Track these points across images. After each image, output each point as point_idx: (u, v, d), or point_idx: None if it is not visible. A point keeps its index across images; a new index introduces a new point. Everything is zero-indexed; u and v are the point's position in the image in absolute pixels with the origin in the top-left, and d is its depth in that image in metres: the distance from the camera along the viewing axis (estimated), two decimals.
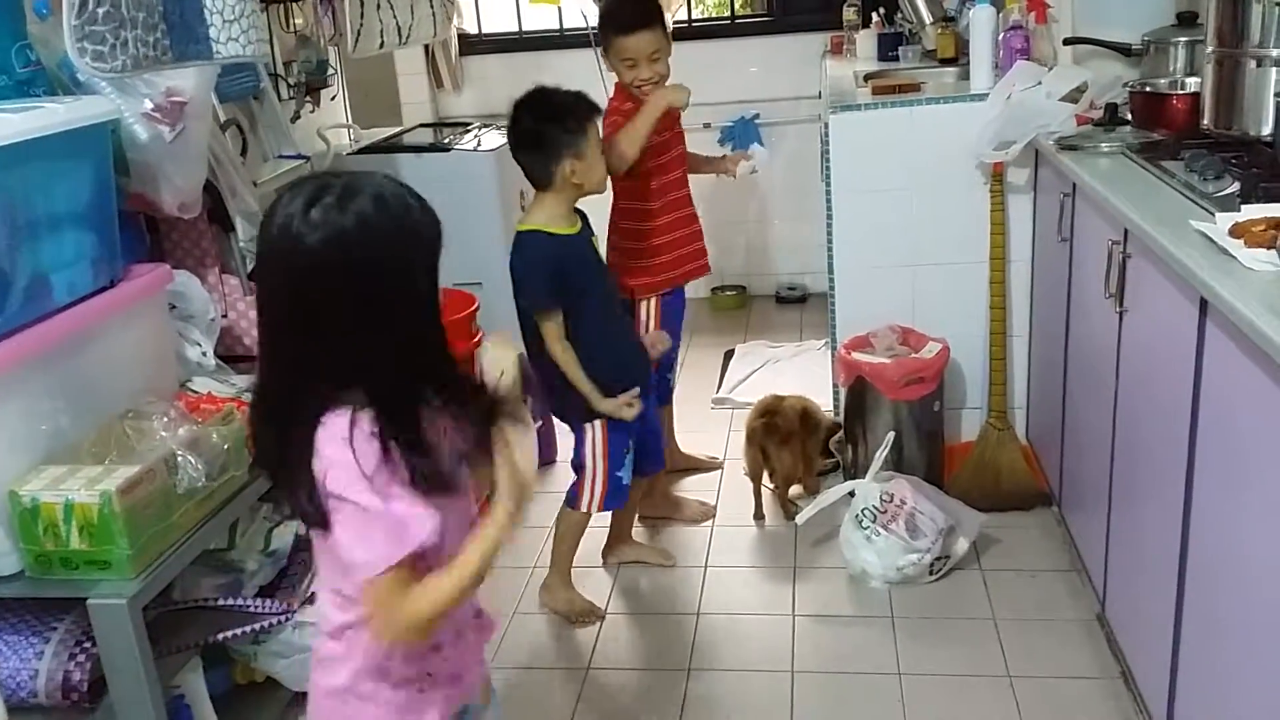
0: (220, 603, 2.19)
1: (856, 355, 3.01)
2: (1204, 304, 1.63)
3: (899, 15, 4.33)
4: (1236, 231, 1.65)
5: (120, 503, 1.77)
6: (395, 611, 1.24)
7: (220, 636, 2.12)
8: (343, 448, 1.21)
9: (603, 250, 2.72)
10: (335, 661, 1.37)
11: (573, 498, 2.71)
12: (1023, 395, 3.16)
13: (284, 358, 1.28)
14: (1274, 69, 2.07)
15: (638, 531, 3.04)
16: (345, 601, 1.33)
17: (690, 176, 3.10)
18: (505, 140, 3.74)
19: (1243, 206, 1.80)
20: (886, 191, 3.08)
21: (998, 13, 3.10)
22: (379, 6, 3.58)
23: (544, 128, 2.45)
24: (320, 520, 1.24)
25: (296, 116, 3.45)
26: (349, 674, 1.35)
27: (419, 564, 1.26)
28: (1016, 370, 3.15)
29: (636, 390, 2.57)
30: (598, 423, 2.60)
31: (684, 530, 3.10)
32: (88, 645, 1.89)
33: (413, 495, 1.24)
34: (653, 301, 3.00)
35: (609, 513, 2.82)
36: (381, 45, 3.62)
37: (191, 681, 2.09)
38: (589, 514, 2.71)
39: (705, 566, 2.91)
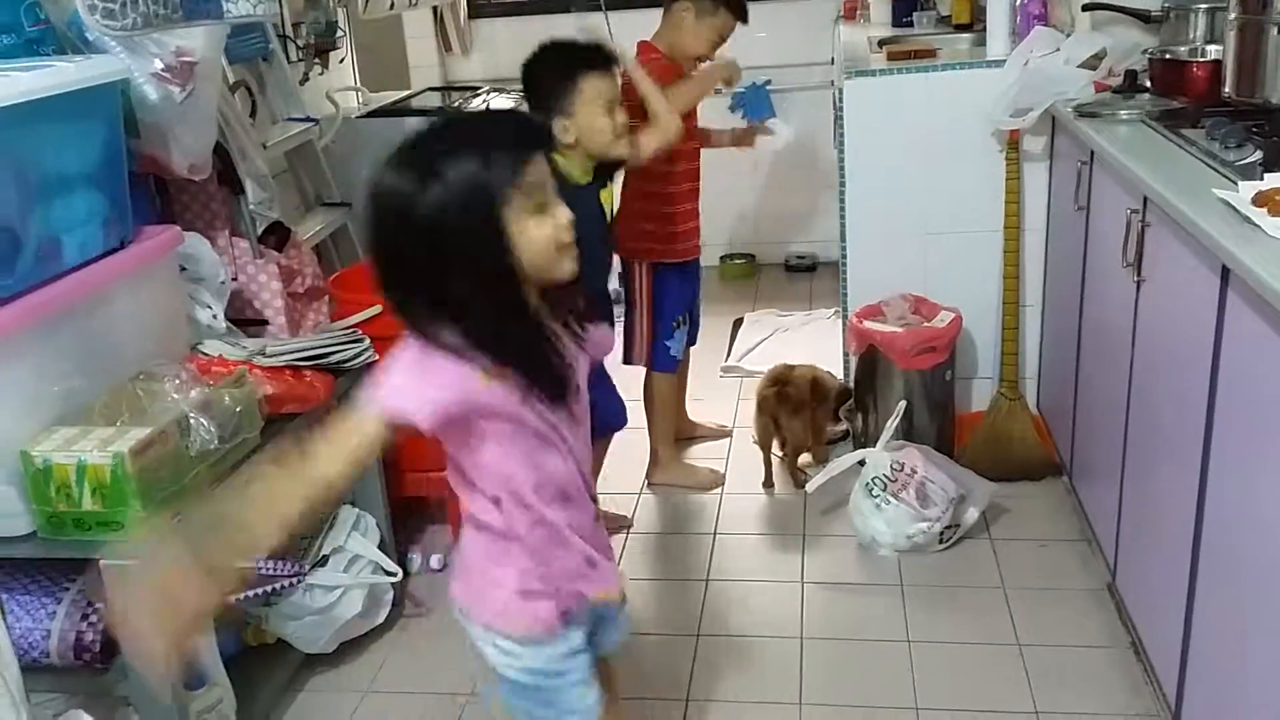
0: None
1: (868, 324, 3.00)
2: (1226, 273, 1.61)
3: None
4: (1260, 200, 1.63)
5: (133, 464, 1.77)
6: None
7: (231, 598, 2.12)
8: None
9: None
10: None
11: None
12: (1034, 365, 3.15)
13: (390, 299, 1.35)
14: None
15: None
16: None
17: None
18: (516, 104, 3.77)
19: (1265, 175, 1.78)
20: (900, 159, 3.05)
21: None
22: None
23: (534, 81, 2.33)
24: None
25: (305, 79, 3.42)
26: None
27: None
28: (1029, 340, 3.13)
29: None
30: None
31: (694, 497, 3.10)
32: (100, 606, 1.90)
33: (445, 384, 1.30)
34: (644, 266, 2.99)
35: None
36: (391, 7, 3.59)
37: (203, 643, 2.09)
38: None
39: (714, 534, 2.91)
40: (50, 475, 1.79)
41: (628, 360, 3.08)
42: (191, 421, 1.93)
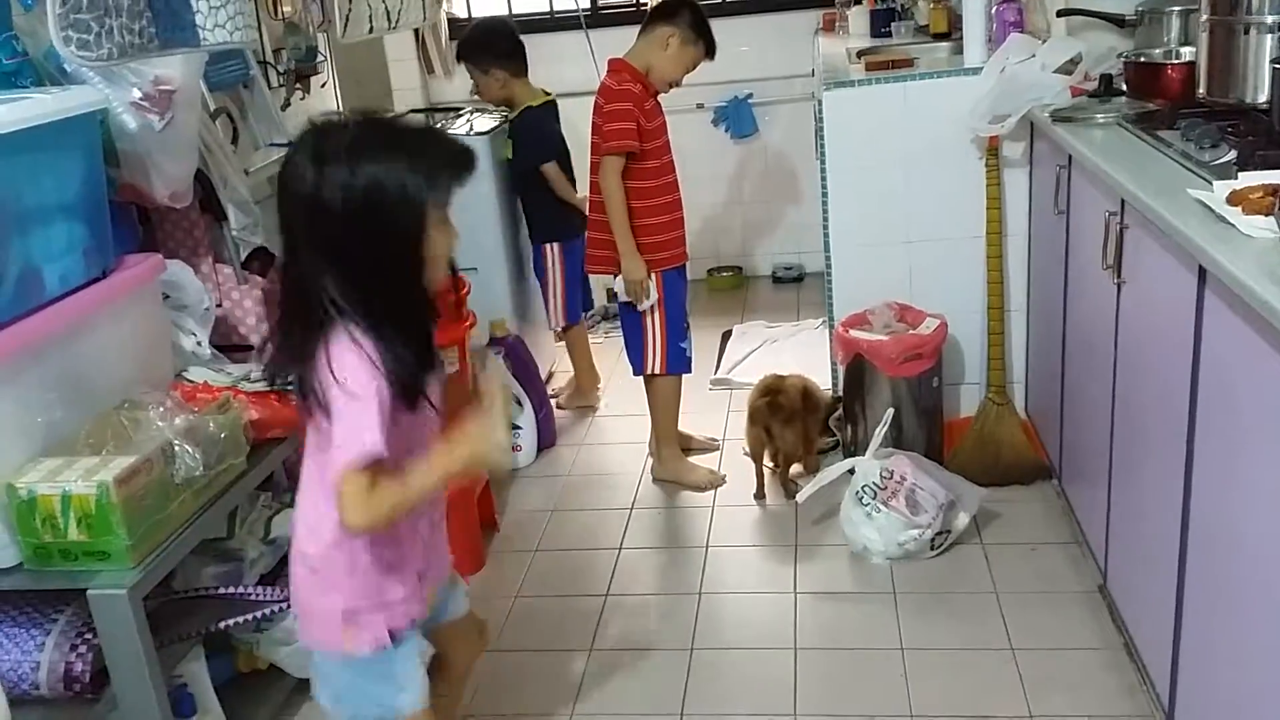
0: (221, 591, 2.19)
1: (855, 333, 3.01)
2: (1203, 272, 1.62)
3: None
4: (1234, 199, 1.64)
5: (118, 493, 1.77)
6: (362, 501, 1.47)
7: (222, 625, 2.12)
8: (353, 352, 1.47)
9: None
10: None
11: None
12: (1021, 369, 3.16)
13: (298, 277, 1.52)
14: (1269, 36, 2.06)
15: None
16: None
17: (682, 158, 3.17)
18: (498, 122, 3.79)
19: (1240, 174, 1.79)
20: (882, 168, 3.07)
21: None
22: None
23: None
24: (325, 408, 1.47)
25: (287, 104, 3.42)
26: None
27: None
28: (1014, 344, 3.14)
29: None
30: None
31: (686, 511, 3.11)
32: (89, 636, 1.89)
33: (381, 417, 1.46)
34: (654, 276, 3.07)
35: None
36: (371, 30, 3.59)
37: (194, 670, 2.09)
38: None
39: (707, 546, 2.91)
40: (35, 507, 1.79)
41: (640, 371, 3.18)
42: (176, 449, 1.93)
